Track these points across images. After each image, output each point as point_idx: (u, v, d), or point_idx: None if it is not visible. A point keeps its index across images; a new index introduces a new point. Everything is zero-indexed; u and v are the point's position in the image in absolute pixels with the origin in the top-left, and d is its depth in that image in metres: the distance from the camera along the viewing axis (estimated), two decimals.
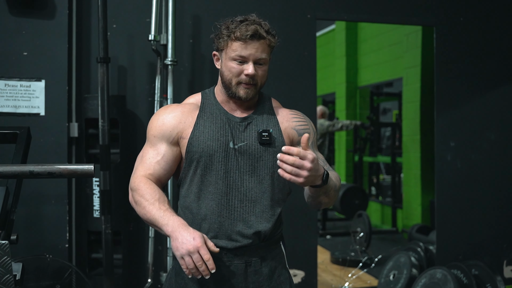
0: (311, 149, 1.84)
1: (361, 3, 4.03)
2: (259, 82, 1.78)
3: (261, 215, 1.77)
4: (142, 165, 1.79)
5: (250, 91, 1.76)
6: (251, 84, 1.76)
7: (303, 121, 1.90)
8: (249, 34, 1.71)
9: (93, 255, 3.46)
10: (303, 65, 3.87)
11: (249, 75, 1.73)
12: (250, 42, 1.72)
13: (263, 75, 1.78)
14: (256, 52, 1.73)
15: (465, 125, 4.23)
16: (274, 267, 1.84)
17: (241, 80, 1.75)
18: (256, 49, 1.73)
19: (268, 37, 1.75)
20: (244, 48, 1.72)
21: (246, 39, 1.71)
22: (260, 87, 1.80)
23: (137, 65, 3.59)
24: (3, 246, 1.44)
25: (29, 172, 1.56)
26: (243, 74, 1.74)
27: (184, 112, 1.83)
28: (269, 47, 1.77)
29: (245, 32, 1.71)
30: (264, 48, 1.75)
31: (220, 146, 1.76)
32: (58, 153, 3.35)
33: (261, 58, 1.74)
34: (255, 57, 1.73)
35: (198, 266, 1.54)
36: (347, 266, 5.34)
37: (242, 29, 1.72)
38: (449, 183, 4.20)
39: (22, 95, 3.30)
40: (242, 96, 1.77)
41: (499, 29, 4.29)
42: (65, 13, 3.38)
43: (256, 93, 1.80)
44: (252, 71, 1.72)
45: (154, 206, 1.68)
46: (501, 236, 4.29)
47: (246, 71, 1.73)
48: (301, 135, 1.85)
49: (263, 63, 1.76)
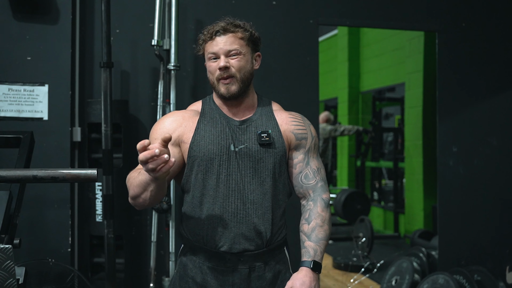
0: (305, 158, 1.88)
1: (364, 9, 4.03)
2: (238, 74, 1.78)
3: (263, 217, 1.78)
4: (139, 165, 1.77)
5: (230, 85, 1.78)
6: (229, 78, 1.77)
7: (301, 124, 1.91)
8: (215, 30, 1.77)
9: (95, 259, 3.46)
10: (305, 70, 3.87)
11: (221, 68, 1.76)
12: (218, 38, 1.78)
13: (240, 66, 1.78)
14: (224, 45, 1.77)
15: (467, 130, 4.22)
16: (277, 272, 1.84)
17: (218, 76, 1.79)
18: (224, 42, 1.77)
19: (236, 30, 1.79)
20: (214, 45, 1.78)
21: (213, 36, 1.78)
22: (242, 80, 1.80)
23: (140, 70, 3.60)
24: (6, 250, 1.44)
25: (33, 177, 1.56)
26: (217, 70, 1.78)
27: (185, 117, 1.85)
28: (241, 39, 1.79)
29: (212, 30, 1.78)
30: (234, 41, 1.78)
31: (221, 149, 1.77)
32: (61, 158, 3.36)
33: (231, 49, 1.77)
34: (224, 50, 1.77)
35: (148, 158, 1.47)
36: (349, 271, 5.34)
37: (210, 28, 1.79)
38: (451, 188, 4.19)
39: (25, 100, 3.31)
40: (223, 92, 1.79)
41: (501, 35, 4.29)
42: (68, 18, 3.40)
43: (241, 87, 1.80)
44: (223, 63, 1.76)
45: (138, 176, 1.66)
46: (503, 242, 4.28)
47: (218, 65, 1.77)
48: (299, 140, 1.88)
49: (236, 54, 1.78)
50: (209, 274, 1.78)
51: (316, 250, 1.78)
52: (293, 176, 1.89)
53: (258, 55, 1.88)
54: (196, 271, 1.80)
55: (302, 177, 1.87)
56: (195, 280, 1.80)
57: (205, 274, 1.78)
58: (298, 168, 1.87)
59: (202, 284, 1.78)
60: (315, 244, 1.78)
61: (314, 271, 1.74)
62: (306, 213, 1.85)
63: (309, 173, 1.87)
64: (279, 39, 3.81)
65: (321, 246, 1.79)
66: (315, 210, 1.83)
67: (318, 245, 1.78)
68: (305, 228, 1.82)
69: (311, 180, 1.87)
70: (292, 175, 1.89)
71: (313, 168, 1.88)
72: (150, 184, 1.61)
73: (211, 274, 1.78)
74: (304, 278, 1.72)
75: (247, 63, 1.81)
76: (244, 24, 1.82)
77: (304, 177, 1.87)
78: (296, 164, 1.87)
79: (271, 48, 3.77)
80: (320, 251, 1.78)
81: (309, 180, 1.87)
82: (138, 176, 1.65)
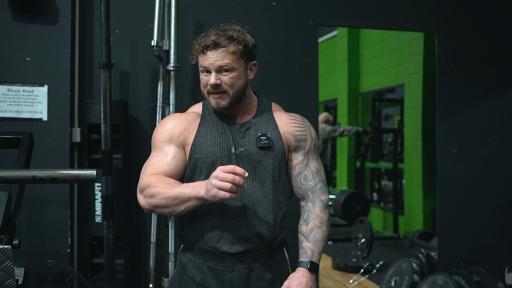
0: (305, 159, 1.88)
1: (363, 10, 4.04)
2: (230, 90, 1.76)
3: (264, 219, 1.78)
4: (150, 167, 1.76)
5: (221, 100, 1.77)
6: (219, 93, 1.76)
7: (301, 126, 1.91)
8: (206, 44, 1.73)
9: (95, 260, 3.46)
10: (305, 71, 3.87)
11: (211, 85, 1.74)
12: (208, 53, 1.73)
13: (232, 82, 1.76)
14: (215, 61, 1.73)
15: (467, 131, 4.22)
16: (277, 272, 1.84)
17: (209, 90, 1.77)
18: (215, 58, 1.73)
19: (228, 44, 1.73)
20: (205, 59, 1.75)
21: (204, 50, 1.74)
22: (235, 95, 1.78)
23: (140, 70, 3.60)
24: (5, 251, 1.44)
25: (32, 177, 1.56)
26: (208, 85, 1.76)
27: (188, 120, 1.85)
28: (233, 54, 1.74)
29: (203, 43, 1.74)
30: (225, 56, 1.73)
31: (222, 151, 1.77)
32: (61, 158, 3.36)
33: (222, 65, 1.73)
34: (215, 66, 1.73)
35: (232, 180, 1.51)
36: (349, 272, 5.33)
37: (202, 41, 1.75)
38: (450, 189, 4.19)
39: (25, 100, 3.31)
40: (214, 106, 1.79)
41: (501, 36, 4.30)
42: (68, 19, 3.40)
43: (233, 101, 1.79)
44: (213, 80, 1.73)
45: (174, 187, 1.65)
46: (503, 243, 4.28)
47: (208, 82, 1.75)
48: (298, 141, 1.88)
49: (228, 70, 1.74)
50: (208, 274, 1.78)
51: (314, 251, 1.78)
52: (293, 177, 1.89)
53: (253, 64, 1.84)
54: (195, 271, 1.80)
55: (301, 178, 1.87)
56: (194, 280, 1.80)
57: (204, 274, 1.79)
58: (297, 170, 1.87)
59: (202, 284, 1.78)
60: (312, 245, 1.78)
61: (311, 272, 1.74)
62: (304, 214, 1.85)
63: (308, 175, 1.87)
64: (278, 40, 3.81)
65: (319, 247, 1.79)
66: (314, 211, 1.83)
67: (316, 246, 1.78)
68: (303, 229, 1.82)
69: (310, 182, 1.87)
70: (292, 176, 1.89)
71: (312, 169, 1.88)
72: (192, 200, 1.62)
73: (210, 274, 1.78)
74: (301, 278, 1.72)
75: (240, 78, 1.77)
76: (238, 34, 1.76)
77: (303, 179, 1.87)
78: (295, 166, 1.87)
79: (271, 49, 3.77)
80: (318, 252, 1.78)
81: (308, 182, 1.87)
82: (177, 188, 1.64)
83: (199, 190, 1.59)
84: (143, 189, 1.71)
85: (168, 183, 1.67)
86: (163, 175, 1.72)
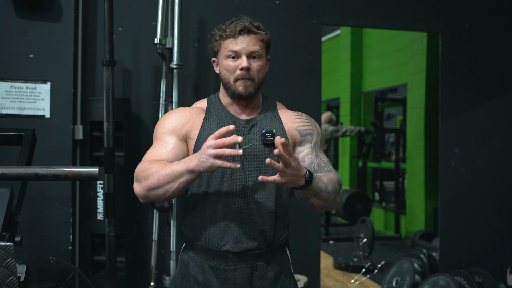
0: (313, 151, 1.84)
1: (367, 9, 4.03)
2: (256, 77, 1.78)
3: (267, 217, 1.77)
4: (148, 156, 1.74)
5: (249, 85, 1.77)
6: (248, 79, 1.77)
7: (306, 121, 1.90)
8: (238, 29, 1.75)
9: (96, 257, 3.47)
10: (308, 70, 3.87)
11: (244, 68, 1.75)
12: (240, 37, 1.76)
13: (259, 70, 1.79)
14: (247, 46, 1.76)
15: (469, 131, 4.22)
16: (279, 272, 1.84)
17: (237, 76, 1.77)
18: (247, 43, 1.76)
19: (258, 31, 1.79)
20: (235, 44, 1.76)
21: (236, 34, 1.76)
22: (259, 83, 1.80)
23: (143, 68, 3.60)
24: (7, 248, 1.44)
25: (34, 174, 1.56)
26: (238, 70, 1.76)
27: (192, 114, 1.84)
28: (261, 42, 1.79)
29: (235, 28, 1.76)
30: (256, 42, 1.77)
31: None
32: (63, 155, 3.36)
33: (254, 51, 1.76)
34: (247, 51, 1.76)
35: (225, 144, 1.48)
36: (350, 271, 5.33)
37: (232, 26, 1.77)
38: (453, 189, 4.19)
39: (27, 97, 3.31)
40: (242, 91, 1.78)
41: (504, 36, 4.29)
42: (71, 16, 3.40)
43: (256, 90, 1.80)
44: (246, 64, 1.74)
45: (166, 166, 1.61)
46: (505, 244, 4.28)
47: (240, 65, 1.75)
48: (304, 136, 1.86)
49: (257, 57, 1.78)
50: (210, 273, 1.77)
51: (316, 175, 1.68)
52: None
53: (268, 59, 1.88)
54: (197, 270, 1.80)
55: (314, 165, 1.82)
56: (196, 279, 1.79)
57: (206, 273, 1.78)
58: (307, 160, 1.83)
59: (204, 283, 1.78)
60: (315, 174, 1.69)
61: (307, 177, 1.61)
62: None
63: (321, 162, 1.83)
64: (282, 39, 3.80)
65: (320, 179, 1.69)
66: (326, 173, 1.76)
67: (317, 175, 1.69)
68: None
69: (325, 167, 1.82)
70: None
71: (323, 159, 1.85)
72: (184, 175, 1.57)
73: (212, 273, 1.77)
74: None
75: (263, 68, 1.81)
76: (264, 27, 1.82)
77: (317, 166, 1.82)
78: (304, 157, 1.84)
79: (274, 47, 3.74)
80: (319, 179, 1.67)
81: (322, 168, 1.82)
82: (169, 167, 1.60)
83: (190, 164, 1.55)
84: (137, 175, 1.69)
85: (160, 163, 1.65)
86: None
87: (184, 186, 1.61)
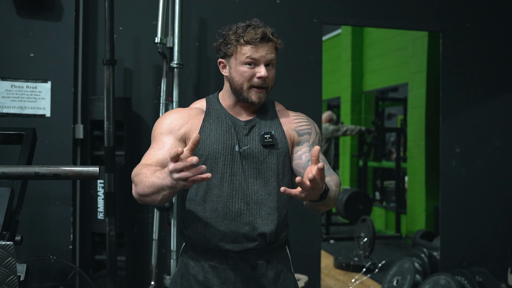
0: (311, 150, 1.82)
1: (368, 8, 4.03)
2: (270, 85, 1.80)
3: (267, 217, 1.77)
4: (145, 158, 1.74)
5: (262, 95, 1.78)
6: (263, 88, 1.77)
7: (305, 121, 1.91)
8: (259, 37, 1.74)
9: (96, 256, 3.47)
10: (309, 69, 3.87)
11: (262, 77, 1.75)
12: (260, 45, 1.75)
13: (272, 78, 1.80)
14: (266, 54, 1.76)
15: (470, 131, 4.21)
16: (279, 271, 1.84)
17: (253, 83, 1.76)
18: (266, 51, 1.76)
19: (274, 39, 1.79)
20: (255, 51, 1.74)
21: (256, 42, 1.74)
22: (270, 90, 1.82)
23: (143, 67, 3.60)
24: (7, 247, 1.44)
25: (35, 174, 1.56)
26: (255, 78, 1.76)
27: (191, 115, 1.84)
28: (276, 50, 1.80)
29: (255, 36, 1.73)
30: (273, 50, 1.78)
31: (225, 149, 1.76)
32: (63, 155, 3.36)
33: (271, 59, 1.77)
34: (266, 59, 1.76)
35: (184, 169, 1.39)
36: (351, 271, 5.33)
37: (251, 32, 1.74)
38: (453, 189, 4.18)
39: (28, 96, 3.31)
40: (255, 101, 1.78)
41: (505, 35, 4.28)
42: (72, 15, 3.40)
43: (267, 97, 1.82)
44: (265, 73, 1.74)
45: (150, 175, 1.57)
46: (505, 243, 4.27)
47: (258, 74, 1.75)
48: (302, 136, 1.86)
49: (272, 65, 1.79)
50: (211, 273, 1.77)
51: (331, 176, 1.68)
52: (302, 166, 1.83)
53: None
54: (197, 269, 1.80)
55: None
56: (196, 279, 1.79)
57: (207, 272, 1.78)
58: (305, 158, 1.83)
59: (204, 282, 1.78)
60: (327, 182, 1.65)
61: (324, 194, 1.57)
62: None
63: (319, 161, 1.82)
64: (282, 38, 3.72)
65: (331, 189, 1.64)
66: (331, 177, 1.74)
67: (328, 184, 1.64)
68: None
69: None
70: (300, 166, 1.83)
71: (321, 158, 1.84)
72: (166, 189, 1.52)
73: (213, 272, 1.77)
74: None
75: (274, 75, 1.82)
76: (275, 31, 1.82)
77: None
78: (301, 155, 1.84)
79: None
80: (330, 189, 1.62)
81: None
82: (151, 177, 1.56)
83: (166, 180, 1.48)
84: (132, 177, 1.69)
85: (148, 169, 1.61)
86: (157, 164, 1.69)
87: (169, 197, 1.57)
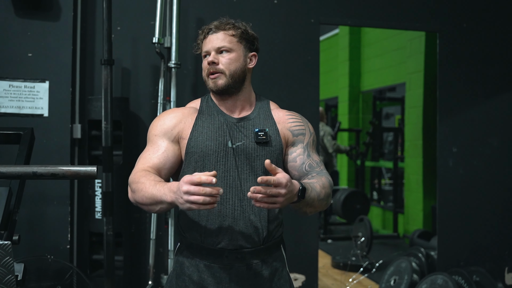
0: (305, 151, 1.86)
1: (365, 8, 4.03)
2: (227, 69, 1.82)
3: (260, 214, 1.77)
4: (141, 161, 1.79)
5: (218, 79, 1.82)
6: (217, 73, 1.81)
7: (299, 121, 1.92)
8: (209, 28, 1.84)
9: (94, 256, 3.47)
10: (306, 69, 3.87)
11: (209, 63, 1.81)
12: (210, 36, 1.84)
13: (230, 62, 1.82)
14: (215, 42, 1.82)
15: (467, 131, 4.22)
16: (274, 270, 1.84)
17: (207, 71, 1.83)
18: (215, 40, 1.82)
19: (228, 28, 1.84)
20: (206, 43, 1.85)
21: (207, 34, 1.84)
22: (232, 75, 1.82)
23: (141, 67, 3.60)
24: (5, 247, 1.44)
25: (33, 173, 1.56)
26: (207, 65, 1.83)
27: (184, 114, 1.87)
28: (233, 36, 1.83)
29: (207, 30, 1.84)
30: (224, 38, 1.82)
31: (218, 146, 1.78)
32: (61, 154, 3.36)
33: (220, 46, 1.82)
34: (214, 47, 1.82)
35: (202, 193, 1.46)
36: (348, 270, 5.33)
37: (205, 28, 1.85)
38: (451, 188, 4.19)
39: (26, 96, 3.31)
40: (212, 86, 1.83)
41: (502, 35, 4.29)
42: (70, 15, 3.40)
43: (230, 82, 1.82)
44: (211, 58, 1.81)
45: (150, 186, 1.63)
46: (503, 243, 4.28)
47: (206, 61, 1.83)
48: (296, 136, 1.88)
49: (226, 51, 1.82)
50: (205, 272, 1.77)
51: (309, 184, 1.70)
52: (296, 168, 1.86)
53: (253, 55, 1.89)
54: (192, 269, 1.80)
55: (306, 166, 1.84)
56: (191, 279, 1.79)
57: (201, 272, 1.78)
58: (299, 161, 1.85)
59: (199, 282, 1.78)
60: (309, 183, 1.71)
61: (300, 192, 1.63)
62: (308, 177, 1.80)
63: (313, 163, 1.86)
64: (280, 38, 3.80)
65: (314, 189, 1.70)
66: (319, 178, 1.78)
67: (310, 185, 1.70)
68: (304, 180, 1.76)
69: (316, 168, 1.85)
70: (294, 168, 1.86)
71: (315, 159, 1.87)
72: (164, 203, 1.60)
73: (207, 272, 1.77)
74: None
75: (237, 61, 1.83)
76: (238, 22, 1.86)
77: (308, 166, 1.84)
78: (296, 157, 1.86)
79: (272, 47, 3.77)
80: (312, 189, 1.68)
81: (314, 168, 1.84)
82: (152, 188, 1.62)
83: (167, 197, 1.56)
84: (130, 183, 1.74)
85: (147, 179, 1.67)
86: (152, 169, 1.75)
87: (166, 210, 1.66)
